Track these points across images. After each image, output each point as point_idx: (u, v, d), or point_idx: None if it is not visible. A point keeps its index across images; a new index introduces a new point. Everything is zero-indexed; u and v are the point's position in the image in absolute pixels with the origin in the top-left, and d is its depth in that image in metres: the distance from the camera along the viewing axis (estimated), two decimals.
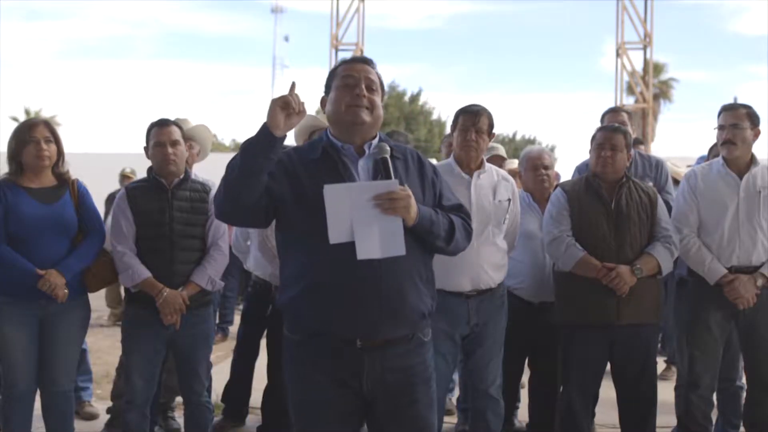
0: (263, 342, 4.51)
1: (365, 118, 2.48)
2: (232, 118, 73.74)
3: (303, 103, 2.37)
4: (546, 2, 59.53)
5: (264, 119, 2.35)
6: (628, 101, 23.23)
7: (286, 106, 2.32)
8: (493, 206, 3.66)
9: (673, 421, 4.20)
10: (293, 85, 2.38)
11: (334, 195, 2.32)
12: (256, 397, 4.54)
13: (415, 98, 35.20)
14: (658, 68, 34.80)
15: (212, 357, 3.98)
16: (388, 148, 2.46)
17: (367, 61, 2.59)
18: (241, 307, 6.46)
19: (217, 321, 7.25)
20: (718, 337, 3.94)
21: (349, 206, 2.31)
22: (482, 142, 3.65)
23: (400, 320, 2.45)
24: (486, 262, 3.61)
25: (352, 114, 2.47)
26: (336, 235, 2.31)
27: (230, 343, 6.82)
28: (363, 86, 2.49)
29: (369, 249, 2.32)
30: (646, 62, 20.18)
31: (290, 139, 4.45)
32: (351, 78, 2.50)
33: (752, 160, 3.97)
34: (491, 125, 3.69)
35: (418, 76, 79.14)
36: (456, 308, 3.56)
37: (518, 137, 38.22)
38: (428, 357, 2.60)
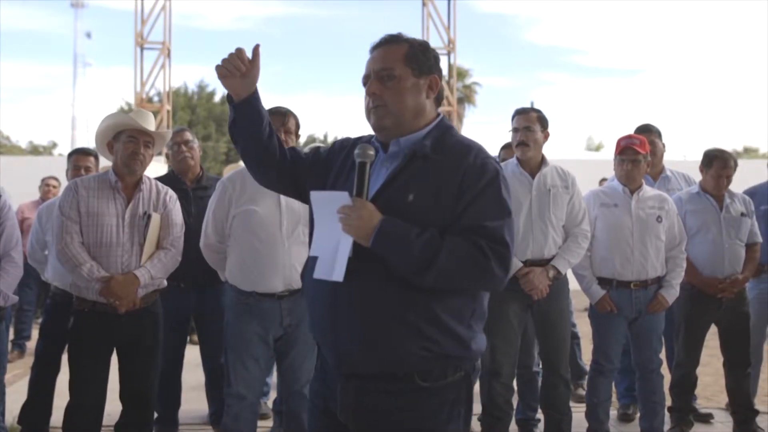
0: (64, 357, 4.26)
1: (384, 122, 2.14)
2: (29, 119, 68.86)
3: (246, 60, 2.19)
4: (357, 8, 60.94)
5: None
6: None
7: (226, 74, 2.22)
8: (301, 206, 3.67)
9: (478, 408, 4.43)
10: (233, 55, 2.20)
11: (319, 203, 2.15)
12: (58, 417, 4.27)
13: (226, 99, 34.60)
14: (462, 73, 36.56)
15: (7, 377, 3.71)
16: (372, 153, 2.09)
17: (385, 41, 2.19)
18: (40, 320, 6.07)
19: (12, 337, 6.82)
20: (516, 327, 4.21)
21: (328, 216, 2.08)
22: (291, 142, 3.73)
23: (371, 355, 2.06)
24: (297, 262, 3.56)
25: (370, 120, 2.18)
26: (313, 247, 2.15)
27: (28, 360, 6.38)
28: (373, 83, 2.15)
29: (325, 269, 2.06)
30: (450, 67, 21.12)
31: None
32: (365, 75, 2.19)
33: (543, 161, 4.28)
34: (298, 125, 3.83)
35: None
36: (269, 310, 3.56)
37: (330, 138, 38.68)
38: (437, 408, 2.09)
